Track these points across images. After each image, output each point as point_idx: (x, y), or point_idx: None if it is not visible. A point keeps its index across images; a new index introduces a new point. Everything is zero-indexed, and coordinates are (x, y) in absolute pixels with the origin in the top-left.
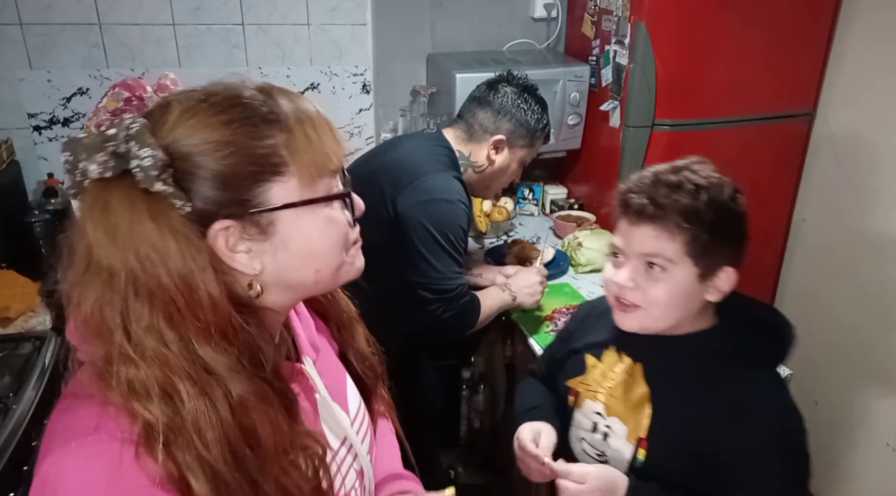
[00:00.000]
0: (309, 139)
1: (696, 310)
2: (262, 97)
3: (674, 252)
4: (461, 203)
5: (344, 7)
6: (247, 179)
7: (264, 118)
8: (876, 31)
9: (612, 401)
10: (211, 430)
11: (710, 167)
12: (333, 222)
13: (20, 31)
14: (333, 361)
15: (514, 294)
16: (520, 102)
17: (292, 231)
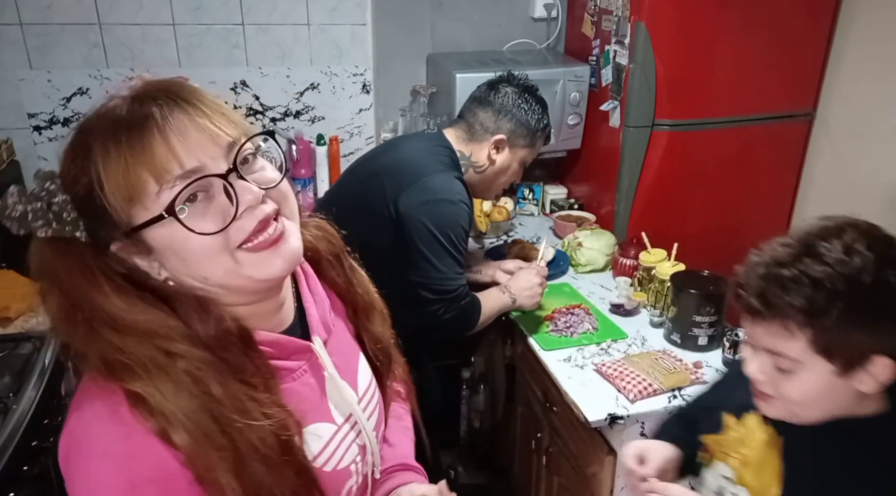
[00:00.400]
0: (120, 164)
1: (851, 400)
2: (85, 129)
3: (798, 351)
4: (463, 203)
5: (344, 7)
6: (99, 210)
7: (77, 157)
8: (876, 31)
9: (746, 470)
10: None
11: (852, 235)
12: (190, 228)
13: (20, 31)
14: (347, 340)
15: (514, 296)
16: (520, 102)
17: (163, 245)
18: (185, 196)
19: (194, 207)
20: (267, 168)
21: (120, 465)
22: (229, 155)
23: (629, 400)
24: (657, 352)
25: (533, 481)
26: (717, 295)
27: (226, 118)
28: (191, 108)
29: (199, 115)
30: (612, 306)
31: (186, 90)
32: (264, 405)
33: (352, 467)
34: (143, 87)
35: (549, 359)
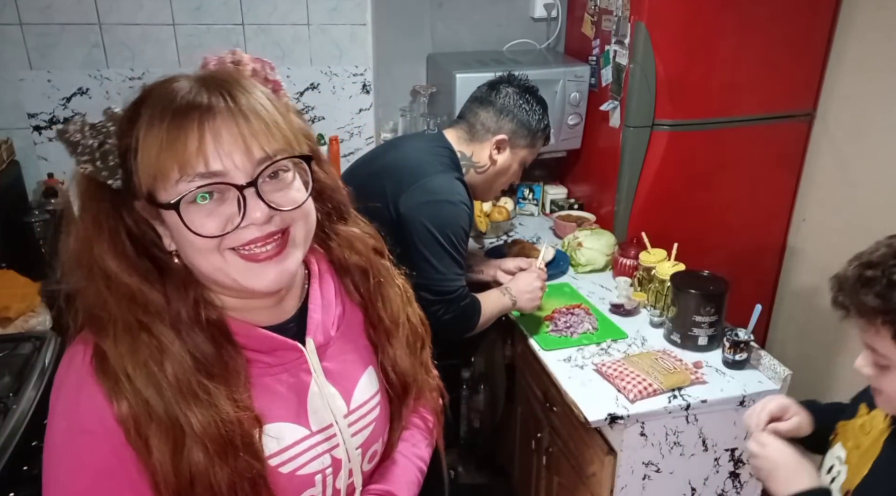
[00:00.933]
0: (156, 143)
1: None
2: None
3: (886, 348)
4: (463, 204)
5: (344, 7)
6: (131, 171)
7: (129, 119)
8: (876, 31)
9: (854, 453)
10: (133, 362)
11: None
12: (189, 225)
13: (20, 31)
14: (353, 351)
15: (514, 298)
16: (521, 103)
17: (170, 224)
18: (199, 193)
19: (205, 204)
20: (294, 187)
21: (67, 410)
22: (256, 168)
23: (629, 400)
24: (657, 352)
25: (533, 481)
26: (717, 295)
27: (270, 131)
28: (238, 112)
29: (243, 121)
30: (612, 306)
31: (246, 92)
32: (216, 396)
33: (317, 477)
34: (211, 73)
35: (549, 359)
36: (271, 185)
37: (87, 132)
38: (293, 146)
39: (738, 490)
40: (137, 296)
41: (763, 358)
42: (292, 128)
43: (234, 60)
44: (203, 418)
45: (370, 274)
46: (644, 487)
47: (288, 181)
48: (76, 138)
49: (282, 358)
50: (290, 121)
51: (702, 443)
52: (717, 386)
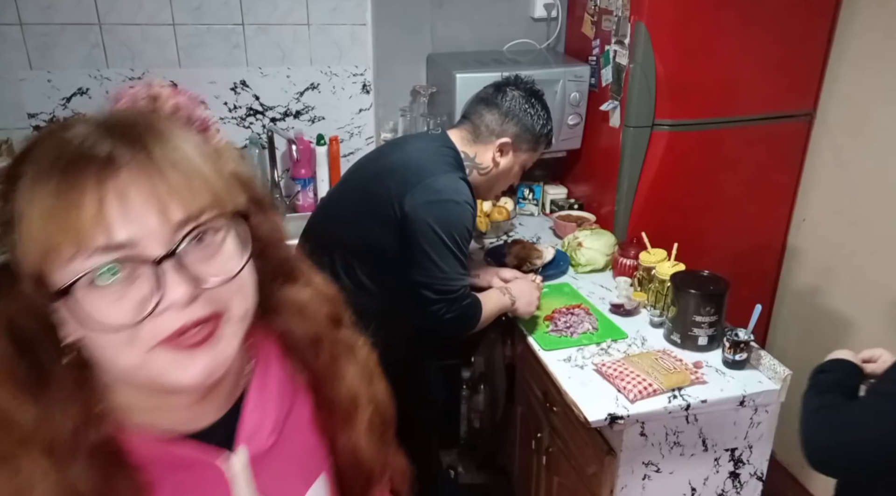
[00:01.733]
0: (41, 210)
1: None
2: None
3: None
4: (467, 204)
5: (344, 7)
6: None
7: (10, 176)
8: (876, 31)
9: None
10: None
11: None
12: (87, 316)
13: (20, 31)
14: (300, 456)
15: (513, 298)
16: (527, 107)
17: (71, 312)
18: (98, 273)
19: (112, 284)
20: (225, 253)
21: None
22: (175, 234)
23: (629, 400)
24: (657, 352)
25: (533, 481)
26: (717, 295)
27: (192, 185)
28: (150, 164)
29: (157, 175)
30: (612, 306)
31: (161, 138)
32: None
33: None
34: (115, 115)
35: (549, 359)
36: (196, 252)
37: None
38: (224, 200)
39: (738, 490)
40: (2, 413)
41: (763, 358)
42: (222, 177)
43: (150, 94)
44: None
45: (322, 347)
46: (644, 487)
47: (217, 245)
48: None
49: (200, 476)
50: (220, 168)
51: (702, 443)
52: (717, 386)
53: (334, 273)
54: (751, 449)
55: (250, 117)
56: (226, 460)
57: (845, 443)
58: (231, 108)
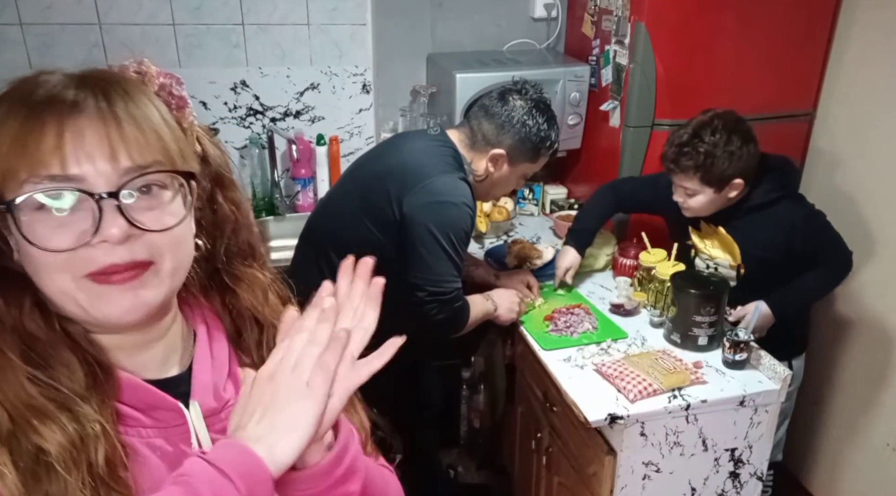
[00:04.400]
0: (7, 138)
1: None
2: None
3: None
4: (466, 206)
5: (344, 7)
6: None
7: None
8: (876, 31)
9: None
10: None
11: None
12: (28, 236)
13: (20, 31)
14: None
15: (495, 304)
16: (526, 118)
17: (14, 233)
18: (45, 197)
19: (54, 214)
20: (168, 210)
21: None
22: (121, 178)
23: (629, 400)
24: (657, 352)
25: (533, 481)
26: (717, 295)
27: (146, 139)
28: (109, 113)
29: (113, 124)
30: (612, 306)
31: (127, 96)
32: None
33: None
34: (91, 70)
35: (549, 359)
36: (140, 201)
37: None
38: (174, 160)
39: (738, 490)
40: None
41: (763, 358)
42: (178, 142)
43: (137, 70)
44: (57, 432)
45: (265, 327)
46: (644, 487)
47: (163, 200)
48: None
49: (159, 419)
50: (177, 135)
51: (702, 443)
52: (717, 386)
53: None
54: (751, 449)
55: (250, 117)
56: (184, 409)
57: None
58: (231, 108)
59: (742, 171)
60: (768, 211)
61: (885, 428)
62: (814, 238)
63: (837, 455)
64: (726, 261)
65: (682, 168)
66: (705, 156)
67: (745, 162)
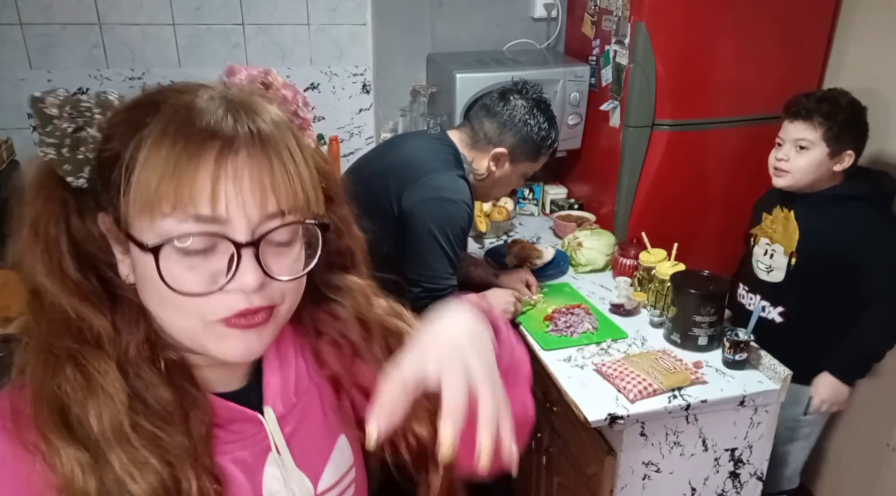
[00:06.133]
0: (160, 167)
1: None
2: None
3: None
4: (464, 203)
5: (344, 7)
6: (112, 184)
7: (132, 124)
8: (876, 32)
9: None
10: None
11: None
12: (166, 277)
13: (20, 31)
14: (318, 423)
15: (490, 305)
16: (527, 118)
17: (137, 262)
18: (189, 239)
19: (194, 254)
20: (292, 255)
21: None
22: (263, 225)
23: (629, 400)
24: (657, 352)
25: (533, 481)
26: (717, 295)
27: (292, 184)
28: (265, 153)
29: (267, 166)
30: (612, 306)
31: (276, 127)
32: (173, 449)
33: None
34: (237, 92)
35: (549, 359)
36: (271, 246)
37: (66, 110)
38: (311, 205)
39: (738, 490)
40: (73, 320)
41: (763, 358)
42: (314, 182)
43: (264, 82)
44: (154, 482)
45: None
46: (644, 487)
47: (289, 244)
48: (51, 112)
49: (238, 432)
50: (313, 172)
51: (702, 443)
52: (717, 386)
53: None
54: (751, 449)
55: None
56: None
57: None
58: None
59: (857, 147)
60: (846, 206)
61: (885, 428)
62: (876, 252)
63: (837, 455)
64: (782, 248)
65: (814, 114)
66: (846, 110)
67: (862, 141)
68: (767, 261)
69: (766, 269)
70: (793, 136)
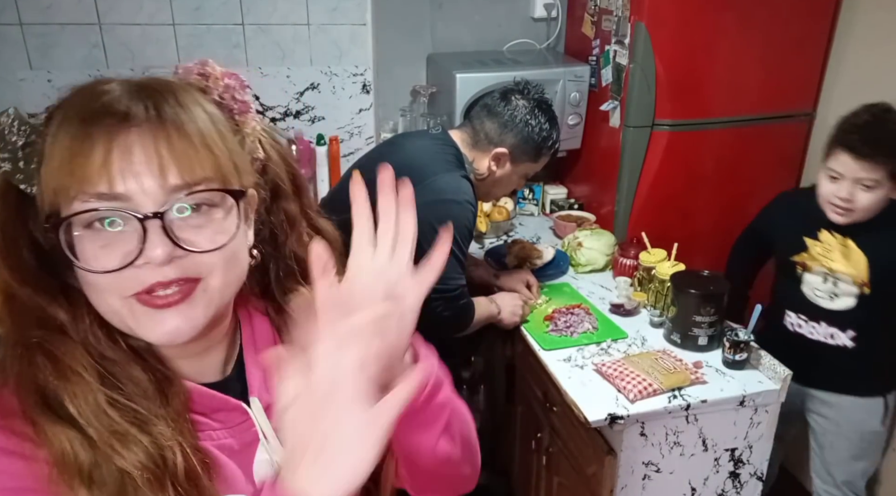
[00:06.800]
0: (59, 152)
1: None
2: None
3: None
4: (468, 204)
5: (344, 7)
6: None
7: (47, 120)
8: (876, 32)
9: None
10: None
11: None
12: (79, 256)
13: (20, 31)
14: None
15: (499, 307)
16: (528, 118)
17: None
18: (91, 218)
19: (103, 232)
20: (219, 227)
21: None
22: (169, 197)
23: (629, 400)
24: (657, 352)
25: (533, 481)
26: (717, 295)
27: (197, 154)
28: (160, 126)
29: (163, 138)
30: (612, 306)
31: (180, 105)
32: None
33: None
34: (147, 79)
35: (549, 359)
36: (190, 219)
37: (16, 127)
38: (227, 177)
39: (738, 490)
40: (35, 310)
41: (763, 358)
42: (234, 155)
43: (202, 72)
44: (139, 453)
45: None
46: (644, 487)
47: (214, 217)
48: (4, 130)
49: (225, 420)
50: (234, 147)
51: (702, 443)
52: (717, 386)
53: None
54: (751, 449)
55: None
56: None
57: None
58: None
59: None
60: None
61: None
62: None
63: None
64: (849, 278)
65: (877, 155)
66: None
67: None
68: (829, 288)
69: (827, 296)
70: (855, 175)
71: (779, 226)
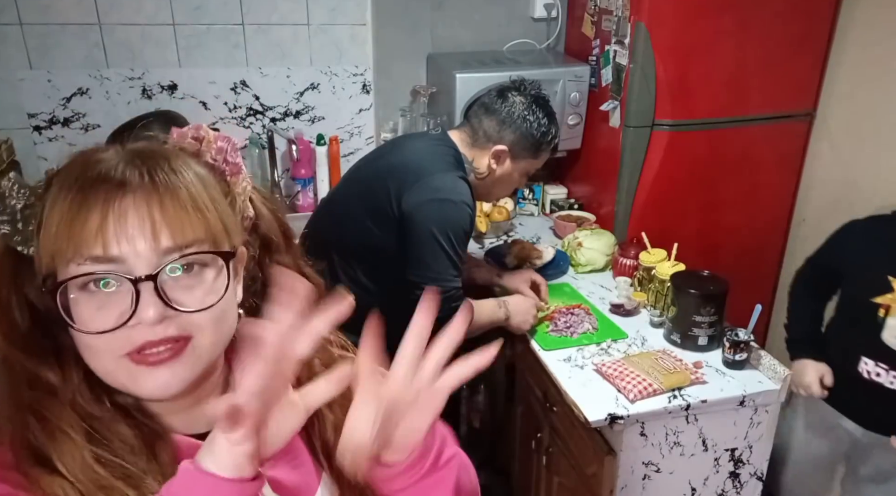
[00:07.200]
0: (57, 217)
1: None
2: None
3: None
4: (465, 204)
5: (344, 7)
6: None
7: (46, 185)
8: (875, 32)
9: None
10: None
11: None
12: (74, 318)
13: (20, 31)
14: (302, 454)
15: (509, 313)
16: (526, 114)
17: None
18: (87, 280)
19: (98, 293)
20: (209, 287)
21: None
22: (161, 259)
23: (629, 400)
24: (657, 352)
25: (533, 481)
26: (717, 295)
27: (188, 218)
28: (153, 191)
29: (156, 203)
30: (612, 306)
31: (172, 171)
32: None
33: None
34: (142, 146)
35: (549, 359)
36: (181, 279)
37: (16, 190)
38: (218, 238)
39: (738, 490)
40: (26, 372)
41: (763, 358)
42: (224, 217)
43: (196, 136)
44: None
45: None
46: (644, 487)
47: (205, 279)
48: (3, 193)
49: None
50: (224, 209)
51: (702, 443)
52: (717, 386)
53: (333, 273)
54: (751, 449)
55: (250, 117)
56: None
57: None
58: (231, 108)
59: None
60: None
61: None
62: None
63: None
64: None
65: None
66: None
67: None
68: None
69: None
70: None
71: (854, 261)
